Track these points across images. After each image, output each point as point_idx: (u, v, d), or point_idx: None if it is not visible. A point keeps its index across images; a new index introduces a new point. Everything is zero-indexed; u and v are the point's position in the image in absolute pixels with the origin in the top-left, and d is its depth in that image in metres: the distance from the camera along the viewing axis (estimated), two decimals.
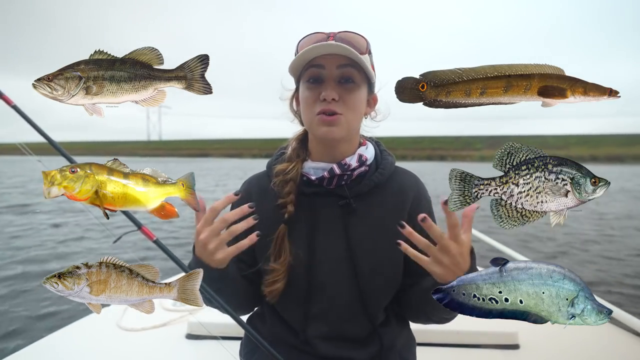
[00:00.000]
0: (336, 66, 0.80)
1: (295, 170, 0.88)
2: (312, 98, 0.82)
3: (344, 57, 0.80)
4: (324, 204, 0.88)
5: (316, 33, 0.83)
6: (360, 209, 0.87)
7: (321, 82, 0.82)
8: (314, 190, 0.89)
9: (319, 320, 0.88)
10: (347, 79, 0.82)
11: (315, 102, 0.82)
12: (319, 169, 0.87)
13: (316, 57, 0.81)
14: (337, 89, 0.81)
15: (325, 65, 0.80)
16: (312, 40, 0.81)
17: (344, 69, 0.81)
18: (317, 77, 0.82)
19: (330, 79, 0.81)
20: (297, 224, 0.88)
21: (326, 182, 0.88)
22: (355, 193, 0.87)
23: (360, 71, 0.82)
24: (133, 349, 1.54)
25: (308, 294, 0.87)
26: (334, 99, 0.79)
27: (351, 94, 0.82)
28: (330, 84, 0.80)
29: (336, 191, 0.88)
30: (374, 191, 0.89)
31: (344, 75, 0.81)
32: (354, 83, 0.82)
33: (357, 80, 0.83)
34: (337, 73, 0.81)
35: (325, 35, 0.82)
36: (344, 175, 0.87)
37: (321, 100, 0.80)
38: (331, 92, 0.79)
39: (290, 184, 0.87)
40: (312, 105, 0.82)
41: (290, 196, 0.87)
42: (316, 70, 0.81)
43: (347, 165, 0.86)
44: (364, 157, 0.88)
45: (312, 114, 0.82)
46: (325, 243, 0.86)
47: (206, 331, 1.58)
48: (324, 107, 0.80)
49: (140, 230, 0.93)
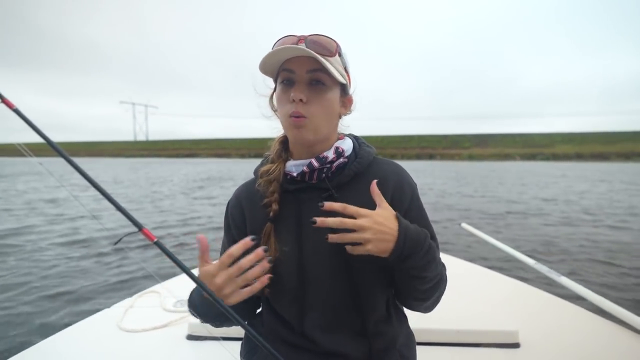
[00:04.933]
0: (306, 70, 0.83)
1: (278, 170, 0.91)
2: (284, 99, 0.85)
3: (313, 61, 0.82)
4: (308, 199, 0.90)
5: (288, 36, 0.86)
6: (342, 199, 0.87)
7: (292, 84, 0.84)
8: (297, 186, 0.91)
9: (314, 313, 0.89)
10: (316, 81, 0.84)
11: (286, 103, 0.84)
12: (299, 165, 0.90)
13: (286, 61, 0.84)
14: (307, 91, 0.83)
15: (295, 70, 0.83)
16: (283, 43, 0.84)
17: (314, 73, 0.83)
18: (289, 79, 0.84)
19: (301, 82, 0.83)
20: (284, 220, 0.90)
21: (307, 177, 0.90)
22: (336, 184, 0.90)
23: (329, 74, 0.84)
24: (134, 350, 1.53)
25: (301, 289, 0.88)
26: (301, 100, 0.82)
27: (320, 95, 0.84)
28: (300, 86, 0.83)
29: (318, 185, 0.90)
30: (354, 180, 0.91)
31: (313, 78, 0.84)
32: (323, 85, 0.85)
33: (327, 82, 0.85)
34: (307, 77, 0.83)
35: (295, 39, 0.84)
36: (323, 169, 0.89)
37: (290, 102, 0.83)
38: (298, 93, 0.82)
39: (273, 184, 0.90)
40: (284, 107, 0.85)
41: (275, 195, 0.89)
42: (287, 73, 0.84)
43: (325, 157, 0.89)
44: (340, 149, 0.91)
45: (284, 116, 0.85)
46: (313, 236, 0.87)
47: (207, 332, 1.58)
48: (292, 109, 0.83)
49: (140, 232, 0.92)
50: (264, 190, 0.91)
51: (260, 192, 0.92)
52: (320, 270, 0.87)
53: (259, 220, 0.91)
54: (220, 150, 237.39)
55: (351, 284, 0.87)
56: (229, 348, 1.02)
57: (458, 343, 1.54)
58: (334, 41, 0.86)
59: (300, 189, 0.91)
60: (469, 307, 1.81)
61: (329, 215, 0.79)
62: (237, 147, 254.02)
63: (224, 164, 62.04)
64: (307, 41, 0.83)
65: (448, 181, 22.38)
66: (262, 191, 0.91)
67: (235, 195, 1.00)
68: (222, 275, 0.75)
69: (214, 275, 0.76)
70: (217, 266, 0.76)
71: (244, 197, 0.97)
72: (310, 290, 0.88)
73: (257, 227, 0.90)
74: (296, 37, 0.84)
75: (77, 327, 1.71)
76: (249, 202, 0.95)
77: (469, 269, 2.69)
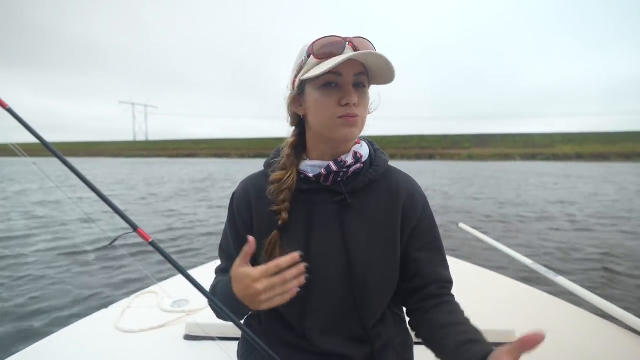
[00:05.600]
0: (353, 73, 0.83)
1: (291, 179, 0.90)
2: (332, 102, 0.83)
3: (359, 65, 0.82)
4: (320, 201, 0.90)
5: (331, 37, 0.84)
6: (355, 204, 0.89)
7: (337, 88, 0.83)
8: (311, 187, 0.91)
9: (315, 314, 0.90)
10: (358, 84, 0.85)
11: (335, 107, 0.83)
12: (316, 166, 0.90)
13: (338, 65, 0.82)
14: (355, 93, 0.84)
15: (344, 73, 0.82)
16: (329, 44, 0.83)
17: (359, 76, 0.84)
18: (335, 82, 0.83)
19: (349, 85, 0.83)
20: (293, 224, 0.89)
21: (323, 179, 0.90)
22: (350, 189, 0.90)
23: (367, 75, 0.85)
24: (131, 350, 1.53)
25: (304, 290, 0.88)
26: (354, 104, 0.83)
27: (364, 97, 0.86)
28: (351, 89, 0.83)
29: (332, 188, 0.90)
30: (368, 187, 0.91)
31: (358, 81, 0.84)
32: (364, 87, 0.86)
33: (366, 83, 0.86)
34: (353, 79, 0.83)
35: (342, 40, 0.83)
36: (340, 172, 0.89)
37: (342, 105, 0.82)
38: (354, 97, 0.82)
39: (285, 192, 0.89)
40: (331, 109, 0.83)
41: (285, 204, 0.88)
42: (334, 76, 0.82)
43: (343, 162, 0.89)
44: (359, 154, 0.91)
45: (331, 118, 0.84)
46: (322, 237, 0.87)
47: (204, 332, 1.58)
48: (347, 111, 0.82)
49: (136, 232, 0.92)
50: (274, 197, 0.90)
51: (269, 189, 0.91)
52: (325, 272, 0.88)
53: (266, 222, 0.90)
54: (220, 151, 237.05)
55: (354, 286, 0.88)
56: (225, 348, 1.03)
57: None
58: (372, 44, 0.86)
59: (314, 190, 0.91)
60: (466, 307, 1.81)
61: (339, 219, 0.82)
62: (237, 147, 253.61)
63: (223, 164, 61.82)
64: (355, 43, 0.82)
65: (452, 183, 21.77)
66: (272, 198, 0.90)
67: (243, 187, 0.98)
68: (264, 282, 0.75)
69: (255, 280, 0.75)
70: (262, 272, 0.75)
71: (252, 191, 0.95)
72: (314, 292, 0.88)
73: (264, 230, 0.89)
74: (342, 38, 0.83)
75: (75, 328, 1.71)
76: (257, 197, 0.94)
77: (465, 268, 2.69)
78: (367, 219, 0.89)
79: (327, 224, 0.84)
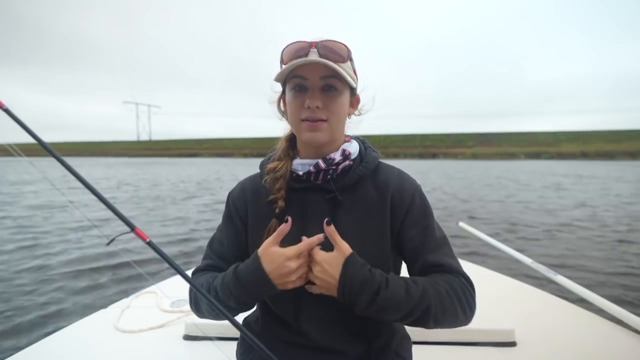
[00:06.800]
0: (319, 77, 0.84)
1: (285, 167, 0.93)
2: (297, 105, 0.86)
3: (326, 68, 0.83)
4: (312, 198, 0.92)
5: (298, 42, 0.86)
6: (346, 201, 0.91)
7: (305, 91, 0.85)
8: (302, 185, 0.93)
9: (310, 310, 0.90)
10: (329, 87, 0.85)
11: (300, 109, 0.86)
12: (306, 164, 0.92)
13: (298, 68, 0.84)
14: (321, 96, 0.85)
15: (308, 77, 0.84)
16: (294, 49, 0.85)
17: (327, 79, 0.85)
18: (301, 85, 0.86)
19: (314, 88, 0.84)
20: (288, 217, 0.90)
21: (313, 177, 0.92)
22: (340, 186, 0.91)
23: (341, 79, 0.85)
24: (130, 350, 1.54)
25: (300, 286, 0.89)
26: (317, 107, 0.84)
27: (334, 100, 0.86)
28: (314, 93, 0.84)
29: (323, 185, 0.92)
30: (358, 184, 0.93)
31: (326, 84, 0.85)
32: (336, 90, 0.86)
33: (339, 87, 0.86)
34: (320, 83, 0.85)
35: (307, 45, 0.85)
36: (329, 170, 0.91)
37: (305, 108, 0.84)
38: (314, 100, 0.83)
39: (280, 181, 0.92)
40: (297, 112, 0.86)
41: (281, 192, 0.91)
42: (299, 80, 0.85)
43: (332, 159, 0.91)
44: (347, 152, 0.93)
45: (297, 120, 0.87)
46: (315, 234, 0.88)
47: (203, 332, 1.58)
48: (308, 114, 0.84)
49: (133, 232, 0.92)
50: (271, 187, 0.93)
51: (265, 188, 0.94)
52: None
53: (263, 215, 0.92)
54: (223, 150, 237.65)
55: None
56: (224, 348, 1.03)
57: (454, 342, 1.54)
58: (344, 46, 0.87)
59: (306, 189, 0.93)
60: None
61: (331, 215, 0.83)
62: (239, 146, 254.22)
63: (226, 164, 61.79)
64: (318, 47, 0.84)
65: (465, 186, 19.22)
66: (269, 187, 0.93)
67: (240, 187, 1.01)
68: (299, 261, 0.79)
69: (289, 258, 0.79)
70: (296, 251, 0.79)
71: (249, 190, 0.98)
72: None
73: (262, 222, 0.91)
74: (307, 43, 0.85)
75: (74, 328, 1.71)
76: (253, 196, 0.97)
77: (465, 267, 2.69)
78: (357, 214, 0.90)
79: (320, 221, 0.85)
